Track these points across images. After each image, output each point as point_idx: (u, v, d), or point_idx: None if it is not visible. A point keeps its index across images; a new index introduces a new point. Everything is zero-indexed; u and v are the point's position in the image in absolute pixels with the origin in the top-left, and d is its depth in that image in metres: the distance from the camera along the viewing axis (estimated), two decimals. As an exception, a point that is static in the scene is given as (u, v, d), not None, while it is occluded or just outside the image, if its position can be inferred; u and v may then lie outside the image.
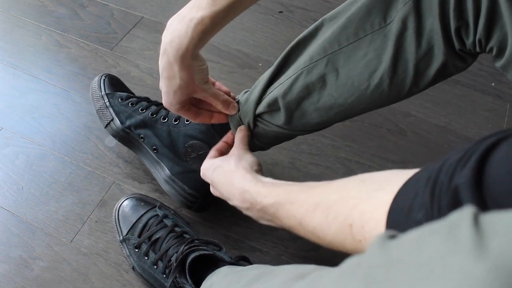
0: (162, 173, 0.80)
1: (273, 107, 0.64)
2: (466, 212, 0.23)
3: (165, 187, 0.80)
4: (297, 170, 0.90)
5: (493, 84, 1.03)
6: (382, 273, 0.25)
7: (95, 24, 1.13)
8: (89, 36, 1.10)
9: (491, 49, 0.51)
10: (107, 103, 0.84)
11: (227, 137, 0.72)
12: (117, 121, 0.82)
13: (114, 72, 1.04)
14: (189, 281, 0.65)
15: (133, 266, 0.75)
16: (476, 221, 0.22)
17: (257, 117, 0.67)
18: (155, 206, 0.77)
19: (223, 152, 0.70)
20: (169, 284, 0.67)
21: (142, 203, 0.78)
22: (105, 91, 0.86)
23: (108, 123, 0.83)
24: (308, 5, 1.16)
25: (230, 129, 0.72)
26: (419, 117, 0.98)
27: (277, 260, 0.79)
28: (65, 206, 0.85)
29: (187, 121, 0.77)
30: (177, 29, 0.56)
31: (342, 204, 0.42)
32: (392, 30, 0.54)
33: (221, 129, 0.74)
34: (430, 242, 0.24)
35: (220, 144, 0.71)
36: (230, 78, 1.03)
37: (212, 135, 0.74)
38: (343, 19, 0.57)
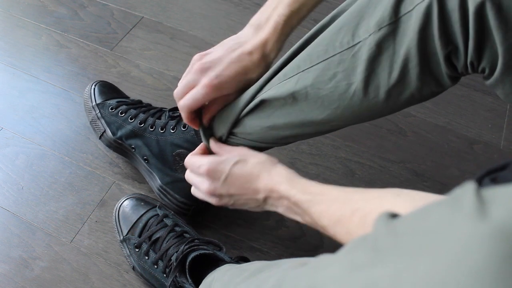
0: (154, 183, 0.82)
1: (258, 108, 0.62)
2: (468, 186, 0.24)
3: (158, 196, 0.82)
4: (297, 170, 0.89)
5: (488, 86, 1.03)
6: (389, 242, 0.26)
7: (95, 24, 1.13)
8: (89, 36, 1.10)
9: (483, 70, 0.50)
10: (98, 114, 0.85)
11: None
12: (109, 133, 0.83)
13: (114, 72, 1.04)
14: (189, 280, 0.65)
15: (133, 266, 0.75)
16: (478, 192, 0.24)
17: (231, 131, 0.65)
18: (155, 206, 0.77)
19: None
20: (169, 284, 0.67)
21: (142, 203, 0.78)
22: (95, 101, 0.86)
23: (102, 135, 0.84)
24: (308, 5, 1.16)
25: None
26: (419, 117, 0.98)
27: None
28: (65, 206, 0.85)
29: (172, 129, 0.78)
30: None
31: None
32: (363, 52, 0.52)
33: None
34: (434, 212, 0.25)
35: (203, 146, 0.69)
36: (230, 78, 1.03)
37: (198, 143, 0.74)
38: (315, 41, 0.57)
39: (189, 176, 0.67)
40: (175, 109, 0.81)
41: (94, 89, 0.88)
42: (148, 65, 1.05)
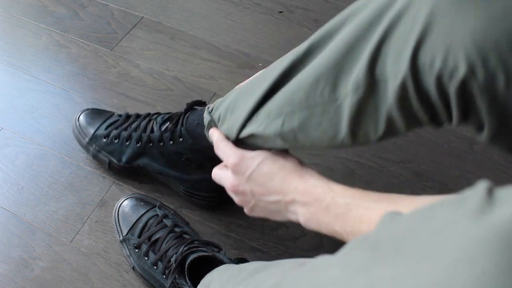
0: (178, 189, 0.83)
1: (253, 135, 0.62)
2: (480, 185, 0.24)
3: (188, 200, 0.83)
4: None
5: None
6: (390, 243, 0.26)
7: (95, 24, 1.13)
8: (89, 36, 1.10)
9: (471, 125, 0.47)
10: (96, 148, 0.85)
11: None
12: (114, 161, 0.84)
13: (114, 72, 1.04)
14: (188, 282, 0.65)
15: (133, 266, 0.75)
16: (490, 192, 0.23)
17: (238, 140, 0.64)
18: (155, 206, 0.77)
19: None
20: (168, 285, 0.67)
21: (142, 203, 0.78)
22: (86, 137, 0.86)
23: (109, 165, 0.85)
24: (308, 5, 1.16)
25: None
26: (419, 117, 0.98)
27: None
28: (65, 206, 0.85)
29: (170, 140, 0.78)
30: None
31: None
32: (345, 109, 0.50)
33: (207, 145, 0.71)
34: (440, 212, 0.24)
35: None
36: (230, 78, 1.03)
37: (201, 150, 0.75)
38: (293, 80, 0.54)
39: (215, 171, 0.66)
40: (166, 120, 0.79)
41: (79, 124, 0.87)
42: (148, 65, 1.05)
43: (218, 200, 0.83)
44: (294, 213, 0.56)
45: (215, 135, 0.65)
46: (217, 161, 0.75)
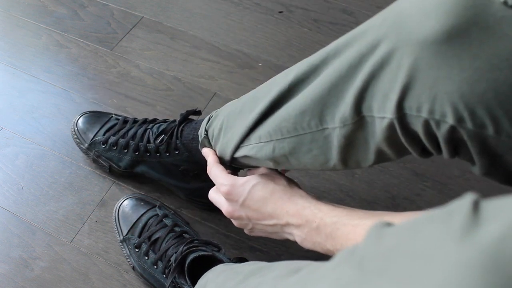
0: (180, 195, 0.84)
1: (247, 157, 0.63)
2: (466, 199, 0.23)
3: (191, 203, 0.84)
4: (297, 170, 0.90)
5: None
6: (376, 263, 0.25)
7: (95, 24, 1.13)
8: (89, 36, 1.10)
9: (463, 159, 0.47)
10: (96, 154, 0.85)
11: None
12: (114, 166, 0.85)
13: (114, 72, 1.04)
14: (188, 282, 0.65)
15: (133, 266, 0.75)
16: (475, 206, 0.22)
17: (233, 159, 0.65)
18: (155, 206, 0.77)
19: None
20: (168, 285, 0.67)
21: (142, 203, 0.78)
22: (85, 143, 0.86)
23: (110, 169, 0.85)
24: (308, 5, 1.16)
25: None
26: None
27: (277, 260, 0.79)
28: (65, 206, 0.85)
29: (166, 152, 0.78)
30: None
31: None
32: (333, 139, 0.50)
33: (203, 158, 0.72)
34: (425, 230, 0.24)
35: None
36: (230, 78, 1.03)
37: (197, 161, 0.75)
38: (281, 109, 0.54)
39: (212, 194, 0.67)
40: (160, 134, 0.79)
41: (78, 130, 0.87)
42: (148, 65, 1.05)
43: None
44: (290, 234, 0.58)
45: (209, 158, 0.67)
46: None
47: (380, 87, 0.44)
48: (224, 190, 0.61)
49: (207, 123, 0.69)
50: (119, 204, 0.79)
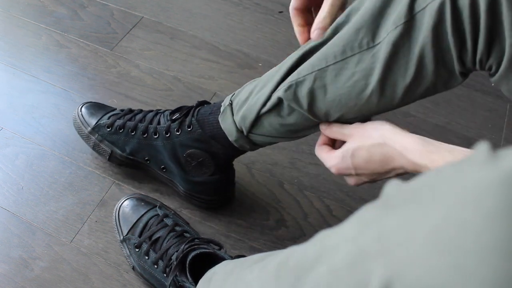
0: (178, 189, 0.83)
1: (277, 107, 0.63)
2: (482, 145, 0.25)
3: (187, 200, 0.84)
4: (297, 170, 0.90)
5: (493, 84, 1.03)
6: (400, 197, 0.27)
7: (95, 24, 1.13)
8: (89, 36, 1.10)
9: (490, 67, 0.51)
10: (99, 138, 0.84)
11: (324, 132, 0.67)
12: (117, 151, 0.83)
13: (114, 72, 1.04)
14: (190, 279, 0.65)
15: (133, 266, 0.75)
16: (491, 149, 0.24)
17: (257, 119, 0.65)
18: (156, 206, 0.77)
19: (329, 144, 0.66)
20: (169, 283, 0.67)
21: (143, 203, 0.78)
22: (89, 126, 0.84)
23: (110, 156, 0.84)
24: (308, 5, 1.16)
25: (223, 133, 0.70)
26: (419, 117, 0.98)
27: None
28: (65, 206, 0.85)
29: (177, 131, 0.76)
30: None
31: None
32: (381, 52, 0.53)
33: (216, 134, 0.72)
34: (446, 169, 0.26)
35: (324, 138, 0.66)
36: (230, 78, 1.03)
37: (207, 141, 0.74)
38: (334, 36, 0.57)
39: (322, 154, 0.65)
40: (175, 111, 0.79)
41: (81, 114, 0.86)
42: (148, 65, 1.05)
43: (218, 203, 0.83)
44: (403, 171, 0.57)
45: (319, 139, 0.66)
46: (217, 159, 0.75)
47: None
48: (334, 172, 0.61)
49: (233, 95, 0.69)
50: (120, 204, 0.79)
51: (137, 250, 0.74)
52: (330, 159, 0.62)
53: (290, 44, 1.09)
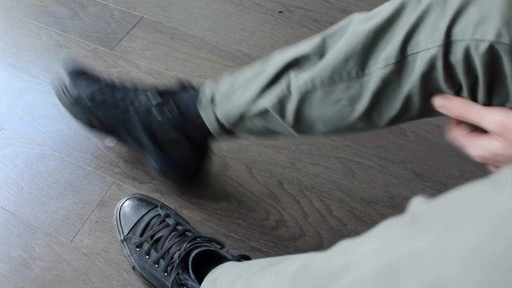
0: (152, 165, 0.82)
1: (263, 114, 0.63)
2: (508, 170, 0.25)
3: (162, 178, 0.84)
4: (297, 170, 0.90)
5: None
6: (429, 214, 0.27)
7: (95, 24, 1.13)
8: (89, 36, 1.10)
9: (496, 100, 0.48)
10: (80, 111, 0.83)
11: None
12: (96, 123, 0.82)
13: (114, 72, 1.04)
14: (192, 276, 0.66)
15: (133, 266, 0.75)
16: None
17: (241, 119, 0.65)
18: (157, 206, 0.78)
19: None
20: (171, 281, 0.67)
21: (144, 203, 0.78)
22: (70, 97, 0.83)
23: (91, 124, 0.83)
24: (308, 5, 1.16)
25: (204, 122, 0.70)
26: (419, 117, 0.98)
27: (277, 260, 0.79)
28: (65, 206, 0.85)
29: (158, 115, 0.75)
30: None
31: None
32: (370, 84, 0.53)
33: (196, 123, 0.72)
34: (474, 190, 0.26)
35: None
36: (230, 78, 1.03)
37: (187, 127, 0.74)
38: (321, 61, 0.56)
39: (459, 136, 0.57)
40: (158, 94, 0.77)
41: (65, 84, 0.84)
42: (148, 65, 1.05)
43: (191, 181, 0.84)
44: None
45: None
46: (195, 143, 0.75)
47: (431, 21, 0.47)
48: (478, 161, 0.50)
49: (212, 86, 0.69)
50: (120, 204, 0.79)
51: (138, 249, 0.74)
52: (484, 144, 0.48)
53: (290, 44, 1.08)
